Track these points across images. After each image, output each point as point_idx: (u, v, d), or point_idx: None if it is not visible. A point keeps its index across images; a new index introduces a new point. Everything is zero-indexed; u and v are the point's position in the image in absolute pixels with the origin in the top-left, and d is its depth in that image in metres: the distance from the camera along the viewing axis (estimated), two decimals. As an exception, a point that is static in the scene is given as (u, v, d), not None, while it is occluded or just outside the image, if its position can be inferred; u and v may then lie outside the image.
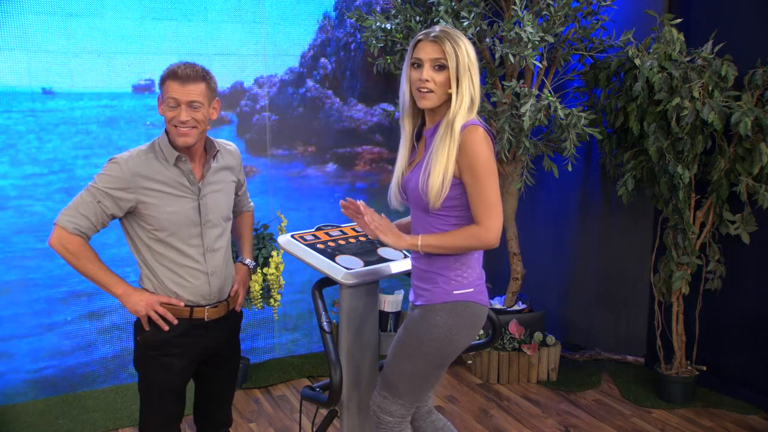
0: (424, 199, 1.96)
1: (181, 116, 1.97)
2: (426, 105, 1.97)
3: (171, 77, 1.98)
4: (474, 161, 1.91)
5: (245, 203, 2.42)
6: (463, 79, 1.93)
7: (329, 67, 4.10)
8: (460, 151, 1.91)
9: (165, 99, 1.99)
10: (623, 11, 3.70)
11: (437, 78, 1.94)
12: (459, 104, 1.93)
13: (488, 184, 1.92)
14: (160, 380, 2.11)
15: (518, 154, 3.54)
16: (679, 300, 3.50)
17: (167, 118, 2.00)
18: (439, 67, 1.93)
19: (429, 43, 1.94)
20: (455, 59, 1.92)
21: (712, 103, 3.05)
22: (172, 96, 1.97)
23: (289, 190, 4.07)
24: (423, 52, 1.95)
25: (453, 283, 2.01)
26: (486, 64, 3.56)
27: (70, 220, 1.99)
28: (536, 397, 3.63)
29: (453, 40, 1.93)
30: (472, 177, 1.92)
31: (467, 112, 1.94)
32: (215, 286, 2.14)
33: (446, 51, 1.92)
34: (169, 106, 1.98)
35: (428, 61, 1.94)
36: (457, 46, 1.93)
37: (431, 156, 1.94)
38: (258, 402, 3.56)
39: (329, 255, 2.21)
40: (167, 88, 1.98)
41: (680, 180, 3.17)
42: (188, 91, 1.97)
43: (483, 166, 1.91)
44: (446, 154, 1.91)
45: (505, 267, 4.01)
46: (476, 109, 1.97)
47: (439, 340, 2.00)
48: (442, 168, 1.91)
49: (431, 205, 1.95)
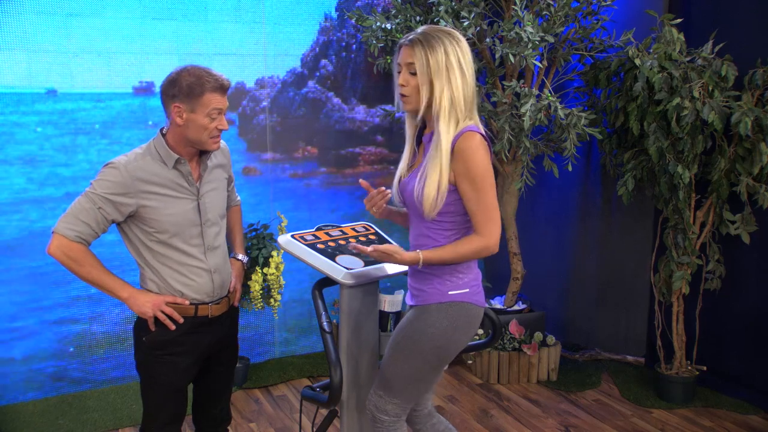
0: (419, 208, 1.97)
1: (224, 125, 2.04)
2: (406, 109, 1.99)
3: (217, 90, 2.00)
4: (472, 170, 1.90)
5: (233, 198, 2.44)
6: (437, 81, 1.90)
7: (330, 67, 4.10)
8: (456, 159, 1.90)
9: (207, 110, 2.00)
10: (623, 11, 3.69)
11: (412, 81, 1.93)
12: (438, 107, 1.91)
13: (487, 191, 1.92)
14: (165, 380, 2.11)
15: (518, 154, 3.53)
16: (679, 300, 3.49)
17: (204, 128, 2.01)
18: (414, 72, 1.93)
19: (405, 47, 1.95)
20: (424, 63, 1.89)
21: (712, 103, 3.05)
22: (216, 107, 2.01)
23: (289, 191, 4.07)
24: (400, 56, 1.96)
25: (448, 284, 2.01)
26: (486, 64, 3.56)
27: (70, 227, 1.98)
28: (536, 397, 3.63)
29: (426, 43, 1.90)
30: (470, 185, 1.91)
31: (448, 116, 1.91)
32: (218, 283, 2.16)
33: (415, 55, 1.91)
34: (211, 117, 2.01)
35: (404, 65, 1.95)
36: (430, 48, 1.89)
37: (426, 164, 1.95)
38: (258, 402, 3.57)
39: (329, 255, 2.21)
40: (209, 99, 1.99)
41: (680, 180, 3.17)
42: (226, 101, 2.05)
43: (481, 174, 1.90)
44: (438, 163, 1.91)
45: (505, 267, 4.01)
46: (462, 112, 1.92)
47: (434, 341, 2.00)
48: (436, 177, 1.91)
49: (426, 214, 1.95)
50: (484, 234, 1.92)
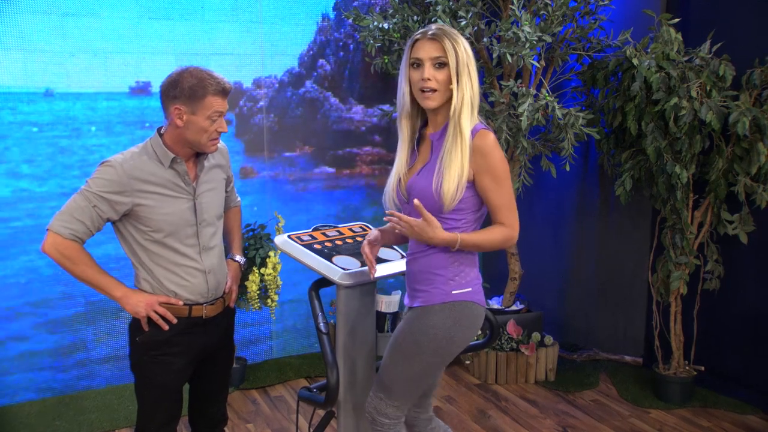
0: (438, 202, 1.93)
1: (223, 127, 2.04)
2: (430, 105, 1.95)
3: (219, 93, 2.00)
4: (492, 165, 1.92)
5: (233, 199, 2.43)
6: (463, 75, 1.92)
7: (328, 67, 4.09)
8: (475, 155, 1.91)
9: (209, 113, 1.99)
10: (621, 11, 3.69)
11: (438, 76, 1.92)
12: (460, 102, 1.92)
13: (507, 185, 1.95)
14: (160, 380, 2.10)
15: (516, 154, 3.53)
16: (677, 300, 3.49)
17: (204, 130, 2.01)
18: (440, 65, 1.92)
19: (427, 41, 1.93)
20: (455, 56, 1.91)
21: (710, 102, 3.04)
22: (218, 110, 2.01)
23: (287, 192, 4.06)
24: (422, 50, 1.93)
25: (451, 283, 2.00)
26: (484, 63, 3.55)
27: (65, 225, 1.97)
28: (534, 397, 3.62)
29: (451, 37, 1.92)
30: (492, 180, 1.92)
31: (470, 111, 1.93)
32: (212, 284, 2.15)
33: (446, 48, 1.91)
34: (212, 119, 2.01)
35: (428, 59, 1.92)
36: (456, 42, 1.92)
37: (444, 159, 1.93)
38: (255, 402, 3.56)
39: (326, 255, 2.21)
40: (211, 102, 1.99)
41: (678, 180, 3.16)
42: (226, 104, 2.05)
43: (502, 168, 1.93)
44: (460, 158, 1.90)
45: (503, 267, 4.00)
46: (477, 109, 1.96)
47: (437, 341, 1.99)
48: (456, 171, 1.90)
49: (445, 208, 1.93)
50: (509, 224, 1.96)
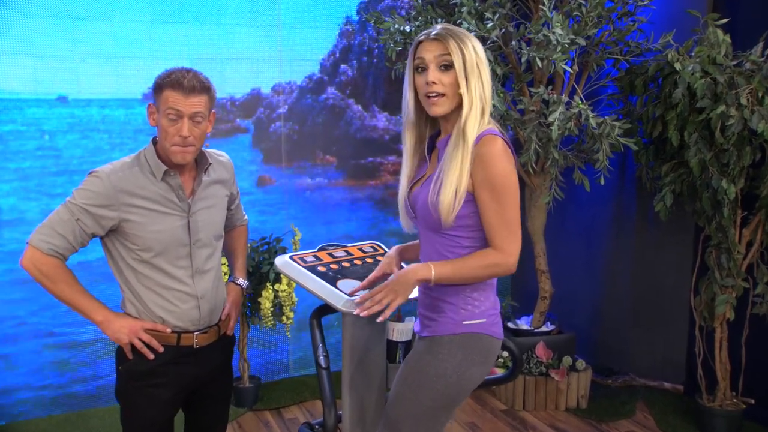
0: (434, 215, 1.76)
1: (183, 131, 1.80)
2: (437, 112, 1.77)
3: (173, 87, 1.78)
4: (492, 176, 1.71)
5: (239, 217, 2.25)
6: (471, 78, 1.74)
7: (350, 73, 3.95)
8: (475, 163, 1.72)
9: (163, 110, 1.80)
10: (662, 11, 3.48)
11: (444, 79, 1.74)
12: (469, 106, 1.73)
13: (508, 202, 1.72)
14: (145, 413, 1.93)
15: (546, 165, 3.35)
16: (723, 325, 3.23)
17: (165, 132, 1.82)
18: (445, 66, 1.74)
19: (431, 42, 1.76)
20: (461, 56, 1.73)
21: (761, 110, 2.81)
22: (173, 107, 1.78)
23: (306, 203, 3.91)
24: (426, 52, 1.76)
25: (463, 313, 1.80)
26: (512, 68, 3.37)
27: (45, 239, 1.82)
28: (565, 426, 3.39)
29: (456, 36, 1.74)
30: (489, 194, 1.72)
31: (479, 115, 1.74)
32: (205, 311, 1.97)
33: (450, 48, 1.73)
34: (169, 119, 1.80)
35: (432, 61, 1.75)
36: (462, 42, 1.74)
37: (443, 167, 1.75)
38: (268, 425, 3.39)
39: (330, 279, 2.02)
40: (166, 97, 1.79)
41: (725, 195, 2.93)
42: (192, 103, 1.80)
43: (502, 182, 1.71)
44: (459, 165, 1.72)
45: (533, 285, 3.80)
46: (488, 114, 1.78)
47: (446, 377, 1.79)
48: (454, 179, 1.71)
49: (443, 221, 1.74)
50: (501, 249, 1.73)
